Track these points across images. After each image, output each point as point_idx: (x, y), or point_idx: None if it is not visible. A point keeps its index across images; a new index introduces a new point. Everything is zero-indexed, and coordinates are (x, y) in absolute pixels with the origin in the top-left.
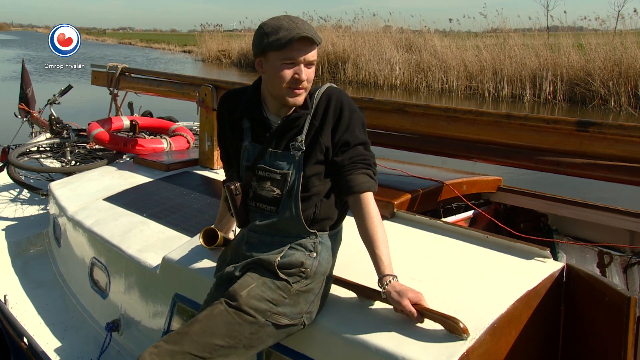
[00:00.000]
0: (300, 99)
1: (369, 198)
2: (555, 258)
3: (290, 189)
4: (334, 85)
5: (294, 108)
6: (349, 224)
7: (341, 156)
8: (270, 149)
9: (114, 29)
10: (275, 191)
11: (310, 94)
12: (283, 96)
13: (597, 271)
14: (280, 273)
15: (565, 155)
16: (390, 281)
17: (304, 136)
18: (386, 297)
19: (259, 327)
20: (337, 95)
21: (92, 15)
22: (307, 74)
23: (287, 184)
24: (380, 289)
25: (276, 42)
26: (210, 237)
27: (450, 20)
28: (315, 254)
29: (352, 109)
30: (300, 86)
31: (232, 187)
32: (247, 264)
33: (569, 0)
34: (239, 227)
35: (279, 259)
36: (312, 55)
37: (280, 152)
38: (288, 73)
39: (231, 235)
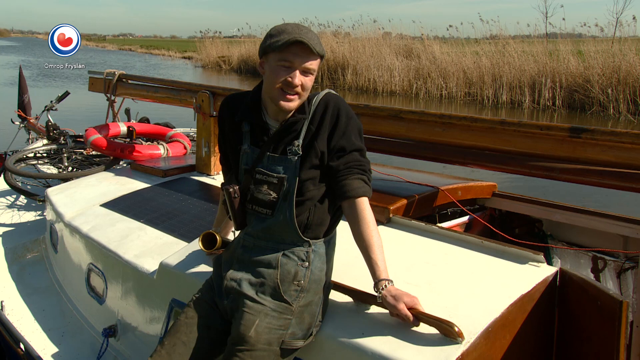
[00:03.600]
0: (291, 105)
1: (364, 203)
2: (550, 263)
3: (285, 192)
4: (332, 92)
5: (292, 113)
6: (344, 229)
7: (337, 161)
8: (268, 153)
9: (114, 35)
10: (271, 195)
11: (309, 100)
12: (275, 97)
13: (591, 276)
14: (281, 290)
15: (559, 161)
16: (386, 285)
17: (301, 140)
18: (382, 302)
19: (276, 356)
20: (335, 101)
21: (93, 22)
22: (303, 80)
23: (283, 187)
24: (376, 294)
25: (275, 43)
26: (209, 241)
27: (451, 26)
28: (307, 264)
29: (349, 115)
30: (293, 91)
31: (231, 189)
32: (248, 281)
33: (568, 7)
34: (236, 230)
35: (279, 273)
36: (310, 64)
37: (277, 156)
38: (282, 74)
39: (231, 236)
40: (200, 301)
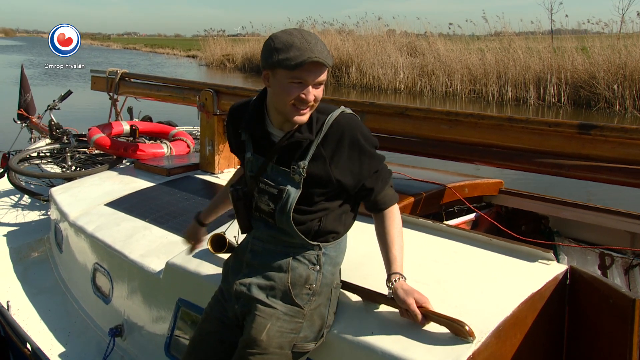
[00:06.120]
0: (304, 118)
1: (395, 208)
2: (557, 260)
3: (283, 206)
4: (347, 110)
5: (297, 126)
6: (352, 227)
7: (373, 182)
8: (271, 163)
9: (119, 34)
10: (270, 205)
11: (319, 118)
12: (287, 113)
13: (598, 273)
14: (292, 294)
15: (567, 158)
16: (398, 279)
17: (307, 162)
18: (392, 295)
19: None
20: (350, 128)
21: (97, 21)
22: (315, 93)
23: (281, 200)
24: (387, 286)
25: (286, 61)
26: (217, 243)
27: (451, 24)
28: (318, 267)
29: (366, 138)
30: (306, 106)
31: (235, 192)
32: (258, 285)
33: (573, 3)
34: (241, 233)
35: (289, 277)
36: (322, 77)
37: (281, 169)
38: (295, 92)
39: (225, 231)
40: (210, 317)
